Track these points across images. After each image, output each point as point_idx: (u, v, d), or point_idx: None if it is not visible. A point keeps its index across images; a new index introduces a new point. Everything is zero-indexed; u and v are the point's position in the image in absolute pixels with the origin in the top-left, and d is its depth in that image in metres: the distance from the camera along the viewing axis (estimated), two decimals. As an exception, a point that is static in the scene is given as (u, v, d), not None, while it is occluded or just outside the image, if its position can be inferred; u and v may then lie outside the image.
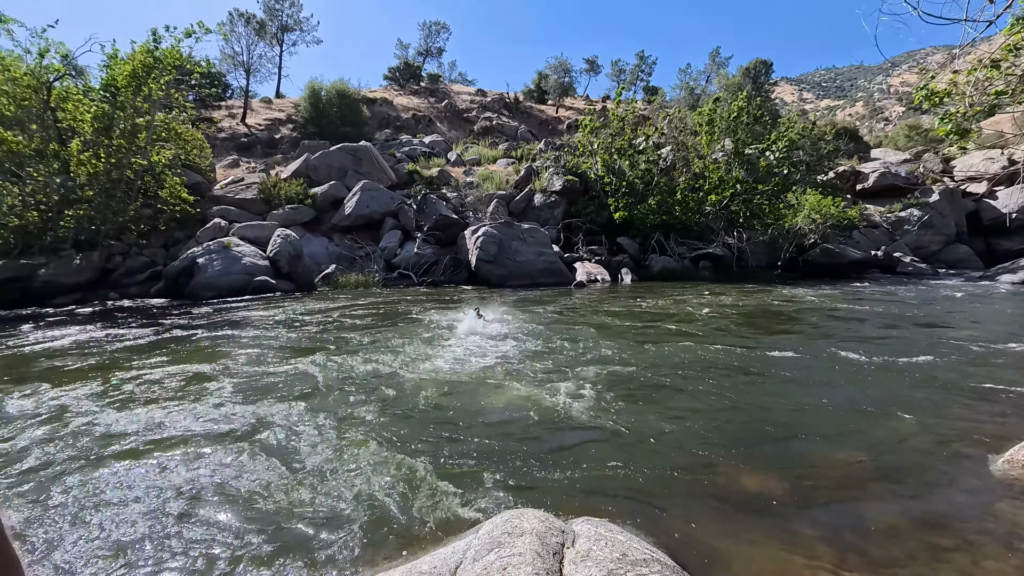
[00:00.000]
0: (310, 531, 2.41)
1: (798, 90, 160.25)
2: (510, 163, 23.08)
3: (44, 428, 3.67)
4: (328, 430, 3.56)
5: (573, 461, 3.12)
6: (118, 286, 12.72)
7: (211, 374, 5.04)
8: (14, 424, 3.77)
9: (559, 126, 36.17)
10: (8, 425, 3.75)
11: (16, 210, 12.24)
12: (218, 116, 28.97)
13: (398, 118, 33.79)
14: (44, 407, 4.12)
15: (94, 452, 3.27)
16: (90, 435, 3.54)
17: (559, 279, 14.26)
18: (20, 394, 4.47)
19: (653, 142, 18.41)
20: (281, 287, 12.69)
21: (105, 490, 2.81)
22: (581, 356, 5.58)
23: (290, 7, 33.68)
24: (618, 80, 49.98)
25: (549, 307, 9.48)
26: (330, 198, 16.94)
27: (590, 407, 4.02)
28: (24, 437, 3.52)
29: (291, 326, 7.77)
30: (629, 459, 3.14)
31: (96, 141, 12.93)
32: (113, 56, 13.58)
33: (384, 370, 5.07)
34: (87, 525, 2.48)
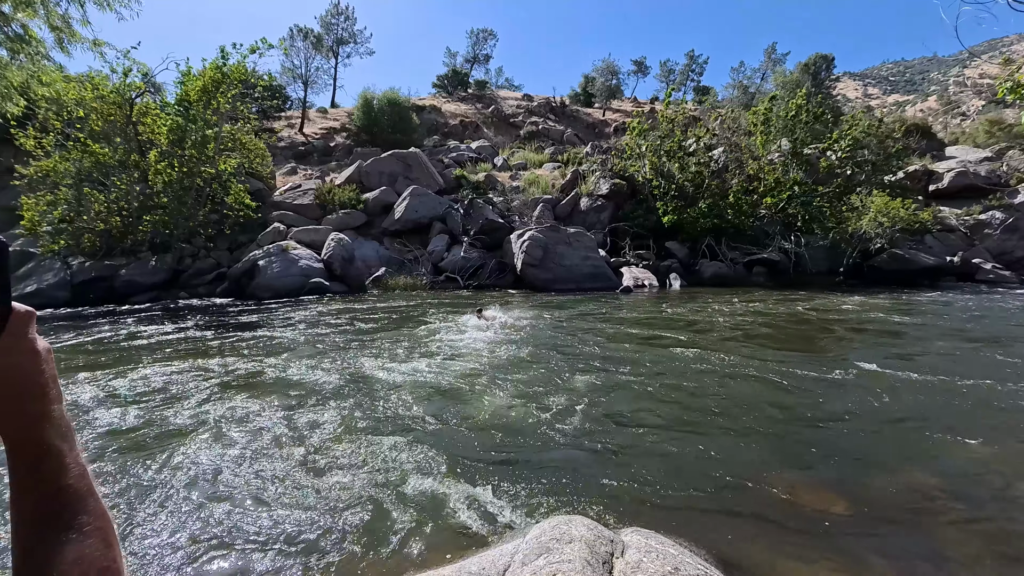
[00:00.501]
0: (362, 528, 2.48)
1: (862, 85, 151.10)
2: (556, 167, 23.04)
3: (141, 404, 3.98)
4: (372, 428, 3.67)
5: (619, 470, 3.07)
6: (188, 286, 13.64)
7: (265, 368, 5.31)
8: (111, 400, 4.11)
9: (606, 129, 35.79)
10: (105, 402, 4.10)
11: (102, 215, 13.39)
12: (278, 126, 30.56)
13: (446, 124, 34.46)
14: (137, 386, 4.47)
15: (180, 424, 3.52)
16: (177, 410, 3.81)
17: (605, 284, 14.08)
18: (117, 376, 4.87)
19: (704, 144, 17.88)
20: (334, 288, 13.20)
21: (198, 453, 3.02)
22: (629, 364, 5.49)
23: (345, 21, 35.14)
24: (667, 81, 48.94)
25: (595, 312, 9.37)
26: (381, 203, 17.48)
27: (636, 416, 3.94)
28: (130, 410, 3.83)
29: (340, 326, 8.06)
30: (677, 470, 3.06)
31: (171, 152, 13.96)
32: (186, 73, 14.62)
33: (426, 370, 5.17)
34: (193, 477, 2.67)
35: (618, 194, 18.19)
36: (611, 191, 18.09)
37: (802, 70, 34.06)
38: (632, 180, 18.56)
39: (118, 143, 14.02)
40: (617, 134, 32.37)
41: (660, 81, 50.86)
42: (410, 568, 2.22)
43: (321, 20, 34.76)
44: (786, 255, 15.89)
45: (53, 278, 12.82)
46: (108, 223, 13.43)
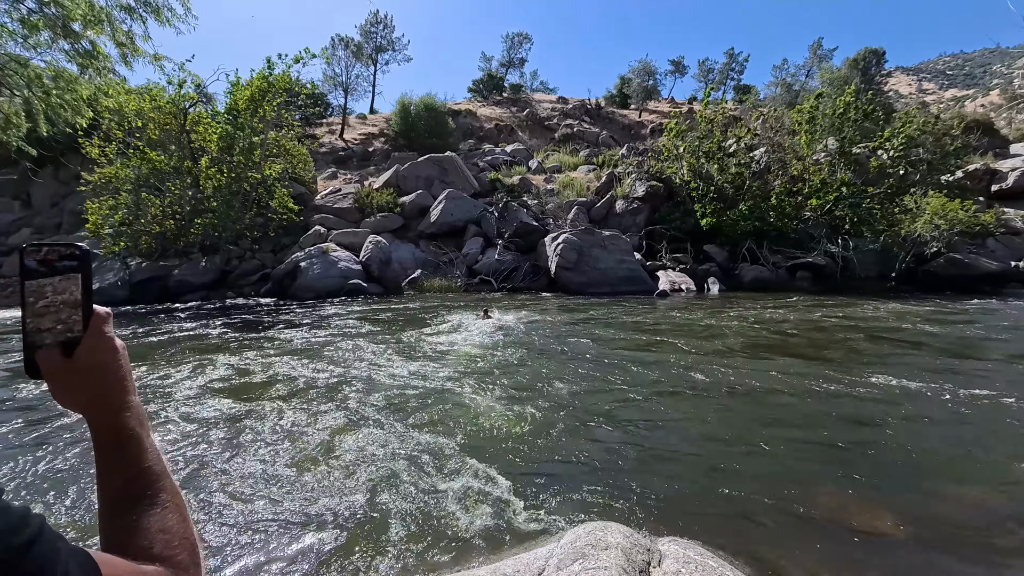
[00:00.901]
0: (395, 526, 2.53)
1: (916, 80, 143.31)
2: (591, 170, 22.87)
3: (194, 394, 4.20)
4: (403, 426, 3.73)
5: (654, 476, 3.02)
6: (235, 286, 14.25)
7: (301, 365, 5.48)
8: (171, 388, 4.35)
9: (642, 131, 35.29)
10: (167, 391, 4.34)
11: (157, 219, 14.17)
12: (320, 132, 31.58)
13: (481, 128, 34.76)
14: (193, 377, 4.71)
15: (234, 409, 3.69)
16: (231, 395, 3.99)
17: (640, 287, 13.87)
18: (171, 369, 5.15)
19: (745, 144, 17.38)
20: (372, 290, 13.52)
21: (249, 435, 3.16)
22: (664, 369, 5.39)
23: (384, 29, 35.99)
24: (705, 80, 47.82)
25: (628, 315, 9.24)
26: (417, 206, 17.79)
27: (671, 422, 3.86)
28: (193, 399, 4.05)
29: (374, 326, 8.24)
30: (716, 480, 2.98)
31: (220, 158, 14.63)
32: (235, 83, 15.30)
33: (459, 370, 5.22)
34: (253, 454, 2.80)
35: (654, 196, 17.90)
36: (647, 193, 17.82)
37: (850, 66, 32.61)
38: (669, 182, 18.23)
39: (173, 150, 14.80)
40: (654, 135, 31.87)
41: (698, 81, 49.76)
42: (444, 567, 2.25)
43: (361, 29, 35.72)
44: (833, 259, 15.22)
45: (114, 277, 13.65)
46: (163, 226, 14.19)
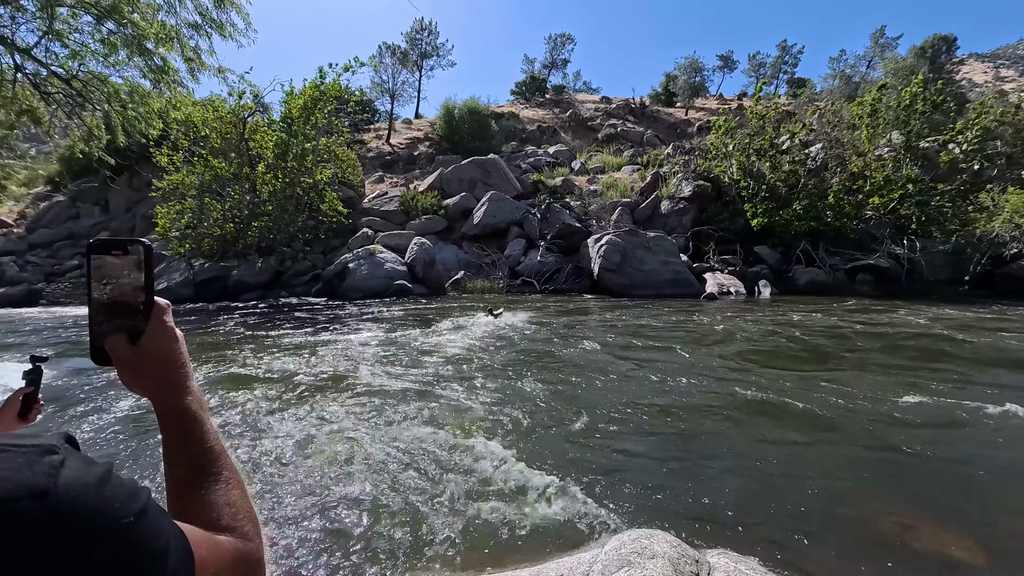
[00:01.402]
0: (438, 524, 2.56)
1: (993, 67, 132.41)
2: (635, 170, 22.49)
3: (251, 385, 4.43)
4: (445, 422, 3.78)
5: (703, 484, 2.92)
6: (288, 286, 14.91)
7: (345, 363, 5.65)
8: (232, 383, 4.61)
9: (688, 129, 34.37)
10: (221, 383, 4.60)
11: (219, 222, 15.03)
12: (367, 138, 32.60)
13: (524, 130, 34.85)
14: (248, 370, 4.98)
15: (296, 398, 3.86)
16: (288, 388, 4.18)
17: (687, 290, 13.49)
18: (232, 362, 5.45)
19: (800, 140, 16.60)
20: (416, 291, 13.81)
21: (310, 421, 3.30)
22: (715, 374, 5.22)
23: (428, 36, 36.74)
24: (756, 75, 46.12)
25: (678, 318, 9.01)
26: (461, 208, 18.04)
27: (721, 430, 3.73)
28: (253, 390, 4.28)
29: (418, 325, 8.39)
30: (770, 492, 2.85)
31: (275, 164, 15.37)
32: (290, 92, 16.03)
33: (503, 368, 5.24)
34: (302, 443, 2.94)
35: (702, 196, 17.38)
36: (694, 193, 17.33)
37: (917, 54, 30.57)
38: (717, 181, 17.66)
39: (233, 158, 15.66)
40: (701, 133, 30.99)
41: (749, 76, 48.07)
42: (484, 567, 2.26)
43: (407, 36, 36.62)
44: (897, 261, 14.29)
45: (180, 277, 14.60)
46: (223, 229, 15.04)
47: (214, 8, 4.48)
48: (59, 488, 0.33)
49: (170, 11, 4.46)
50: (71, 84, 4.80)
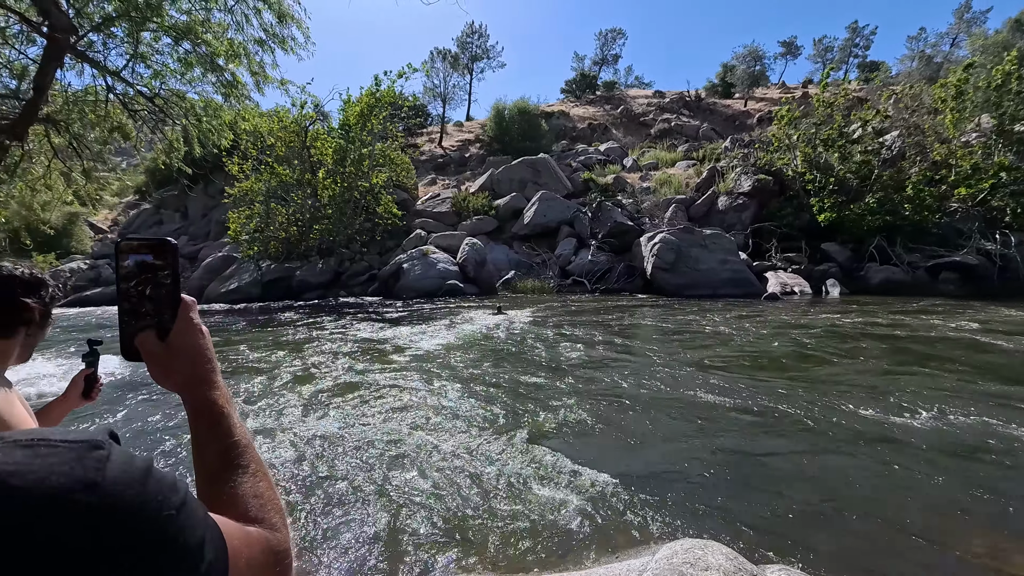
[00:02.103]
0: (487, 525, 2.57)
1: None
2: (690, 165, 21.76)
3: (310, 376, 4.66)
4: (494, 423, 3.78)
5: (763, 497, 2.77)
6: (346, 286, 15.55)
7: (396, 357, 5.80)
8: (301, 369, 4.86)
9: (748, 121, 32.85)
10: (296, 371, 4.86)
11: (283, 226, 15.89)
12: (420, 141, 33.45)
13: (574, 128, 34.57)
14: (307, 362, 5.24)
15: (351, 385, 4.03)
16: (352, 372, 4.37)
17: (746, 290, 12.89)
18: (294, 354, 5.76)
19: (873, 128, 15.45)
20: (467, 290, 14.01)
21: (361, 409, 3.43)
22: (778, 379, 4.95)
23: (479, 39, 37.20)
24: (823, 60, 43.42)
25: (737, 319, 8.62)
26: (511, 209, 18.14)
27: (785, 438, 3.52)
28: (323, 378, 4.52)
29: (470, 323, 8.49)
30: (841, 507, 2.65)
31: (335, 170, 16.06)
32: (347, 101, 16.70)
33: (553, 370, 5.20)
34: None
35: (762, 191, 16.54)
36: (754, 188, 16.52)
37: (1011, 28, 27.58)
38: (779, 175, 16.75)
39: (296, 165, 16.52)
40: (761, 125, 29.52)
41: (814, 62, 45.36)
42: (532, 569, 2.24)
43: (458, 41, 37.26)
44: (988, 258, 12.97)
45: (249, 277, 15.56)
46: (288, 232, 15.90)
47: (277, 24, 4.76)
48: (107, 481, 0.36)
49: (238, 29, 4.81)
50: (154, 101, 5.27)
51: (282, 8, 4.79)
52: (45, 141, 5.40)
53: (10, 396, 1.13)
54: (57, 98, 5.42)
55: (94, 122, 5.36)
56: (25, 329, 1.21)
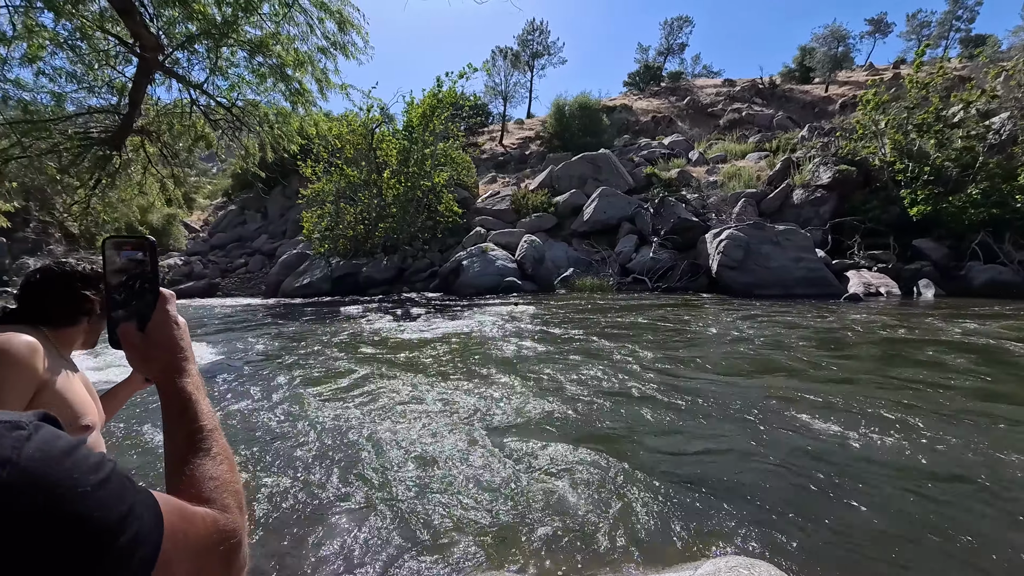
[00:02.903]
0: (524, 531, 2.55)
1: None
2: (762, 157, 20.53)
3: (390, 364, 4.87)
4: (542, 427, 3.75)
5: (823, 519, 2.55)
6: (409, 282, 16.09)
7: (455, 352, 5.89)
8: (369, 357, 5.11)
9: (829, 107, 30.50)
10: (365, 359, 5.11)
11: (351, 224, 16.68)
12: (481, 140, 33.88)
13: (637, 122, 33.66)
14: (374, 353, 5.48)
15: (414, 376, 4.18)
16: (420, 366, 4.53)
17: (824, 290, 11.98)
18: (360, 345, 6.04)
19: (976, 110, 13.83)
20: (525, 287, 14.05)
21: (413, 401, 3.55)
22: (853, 389, 4.56)
23: (539, 36, 37.06)
24: (918, 37, 39.42)
25: (813, 323, 8.04)
26: (570, 205, 17.97)
27: (858, 459, 3.23)
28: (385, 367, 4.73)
29: (531, 323, 8.49)
30: (907, 530, 2.40)
31: (399, 170, 16.63)
32: (411, 103, 17.21)
33: (605, 370, 5.08)
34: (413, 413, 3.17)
35: (844, 183, 15.29)
36: (834, 179, 15.30)
37: None
38: (864, 165, 15.41)
39: (363, 166, 17.27)
40: (844, 111, 27.33)
41: (907, 39, 41.32)
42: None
43: (518, 39, 37.33)
44: (1123, 255, 11.26)
45: (320, 273, 16.51)
46: (355, 230, 16.68)
47: (338, 32, 5.02)
48: (22, 458, 0.38)
49: (303, 39, 5.12)
50: (231, 111, 5.72)
51: (343, 16, 5.03)
52: (141, 151, 6.01)
53: (72, 378, 1.25)
54: (150, 111, 6.01)
55: (180, 132, 5.91)
56: (87, 319, 1.33)
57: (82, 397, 1.25)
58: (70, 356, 1.33)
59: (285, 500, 2.81)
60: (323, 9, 4.93)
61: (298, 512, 2.69)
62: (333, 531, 2.51)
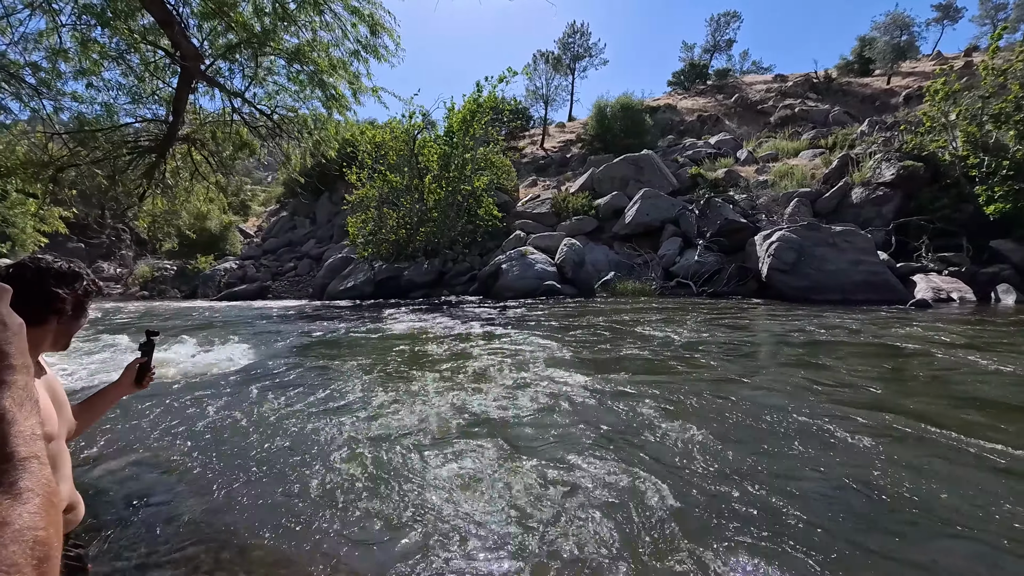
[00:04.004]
0: (582, 544, 2.41)
1: None
2: (817, 154, 19.49)
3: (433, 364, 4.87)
4: (592, 443, 3.58)
5: (881, 541, 2.27)
6: (449, 285, 16.24)
7: (491, 356, 5.79)
8: (404, 361, 5.13)
9: (891, 100, 28.65)
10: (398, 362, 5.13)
11: (394, 229, 16.99)
12: (522, 144, 33.91)
13: (682, 122, 32.79)
14: (414, 354, 5.49)
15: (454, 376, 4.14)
16: (455, 367, 4.50)
17: (886, 295, 11.17)
18: (396, 345, 6.08)
19: (1066, 98, 12.54)
20: (565, 291, 13.85)
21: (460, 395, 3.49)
22: (934, 411, 4.15)
23: (581, 38, 36.76)
24: (992, 21, 36.47)
25: (876, 332, 7.47)
26: (612, 208, 17.65)
27: (932, 478, 2.90)
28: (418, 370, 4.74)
29: (568, 326, 8.31)
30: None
31: (440, 175, 16.82)
32: (451, 109, 17.39)
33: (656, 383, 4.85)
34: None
35: (909, 179, 14.25)
36: (898, 176, 14.29)
37: None
38: (932, 160, 14.30)
39: (405, 172, 17.59)
40: (909, 104, 25.62)
41: (980, 24, 38.33)
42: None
43: (559, 42, 37.16)
44: None
45: (363, 277, 16.93)
46: (397, 235, 16.99)
47: (370, 36, 5.10)
48: None
49: (337, 44, 5.24)
50: (271, 118, 5.92)
51: (375, 20, 5.10)
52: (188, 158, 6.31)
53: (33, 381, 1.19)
54: (195, 120, 6.31)
55: (223, 139, 6.17)
56: (57, 318, 1.27)
57: (42, 405, 1.19)
58: (39, 358, 1.28)
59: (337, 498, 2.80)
60: (355, 14, 5.01)
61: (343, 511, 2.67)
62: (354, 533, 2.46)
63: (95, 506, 2.87)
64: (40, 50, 4.88)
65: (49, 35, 4.82)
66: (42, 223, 6.84)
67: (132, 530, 2.58)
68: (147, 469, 3.33)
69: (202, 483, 3.08)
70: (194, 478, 3.16)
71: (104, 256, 27.18)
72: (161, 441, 3.79)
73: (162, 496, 2.96)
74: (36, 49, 4.87)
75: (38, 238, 6.99)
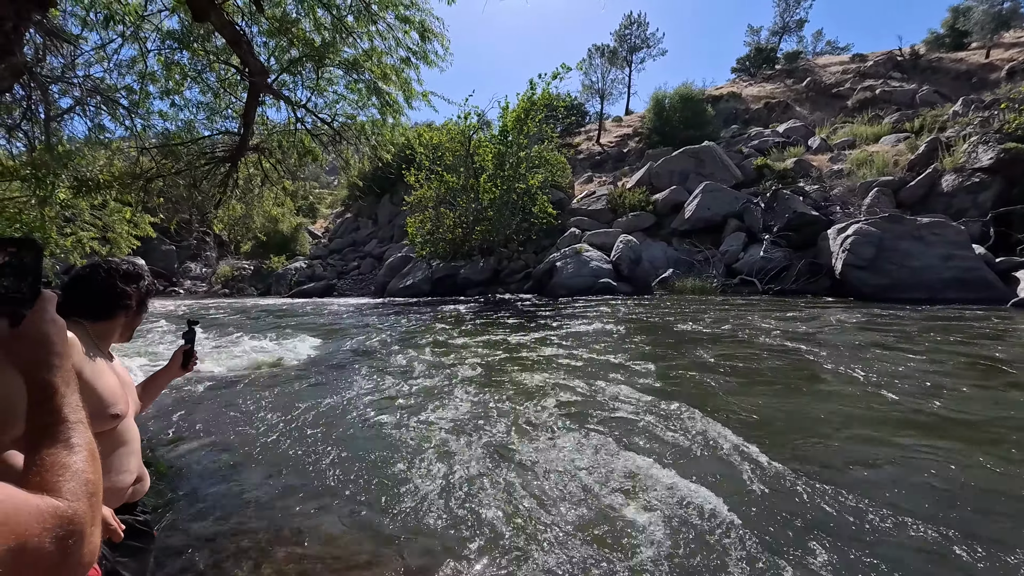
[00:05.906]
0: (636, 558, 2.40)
1: None
2: (901, 139, 17.90)
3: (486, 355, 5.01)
4: (654, 456, 3.52)
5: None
6: (504, 283, 16.41)
7: (543, 357, 5.80)
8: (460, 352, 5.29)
9: (991, 76, 25.80)
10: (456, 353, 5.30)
11: (450, 228, 17.40)
12: (578, 140, 33.57)
13: (747, 111, 31.20)
14: (486, 342, 5.65)
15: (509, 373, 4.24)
16: (512, 362, 4.61)
17: (982, 293, 10.07)
18: (452, 341, 6.27)
19: None
20: (621, 289, 13.61)
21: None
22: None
23: (638, 28, 35.77)
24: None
25: (976, 337, 6.80)
26: (670, 203, 17.12)
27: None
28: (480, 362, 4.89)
29: (624, 326, 8.17)
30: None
31: (495, 174, 17.00)
32: (505, 108, 17.52)
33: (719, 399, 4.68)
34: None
35: (1012, 164, 12.76)
36: (999, 160, 12.84)
37: None
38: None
39: (461, 172, 17.94)
40: (1012, 79, 23.01)
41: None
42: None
43: (616, 35, 36.35)
44: None
45: (421, 275, 17.47)
46: (454, 234, 17.38)
47: (420, 42, 5.28)
48: None
49: (390, 52, 5.47)
50: (331, 126, 6.26)
51: (425, 27, 5.27)
52: (258, 166, 6.82)
53: (104, 369, 1.33)
54: (263, 130, 6.81)
55: (288, 147, 6.62)
56: (124, 314, 1.41)
57: (112, 388, 1.32)
58: (108, 348, 1.43)
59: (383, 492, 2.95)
60: (406, 22, 5.21)
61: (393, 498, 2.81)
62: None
63: (173, 480, 3.19)
64: (132, 74, 5.54)
65: (139, 61, 5.44)
66: (135, 228, 7.82)
67: (201, 504, 2.85)
68: (221, 451, 3.65)
69: (271, 467, 3.33)
70: (265, 461, 3.42)
71: (192, 257, 29.71)
72: (240, 427, 4.13)
73: (233, 476, 3.23)
74: (129, 73, 5.53)
75: (132, 242, 8.00)
